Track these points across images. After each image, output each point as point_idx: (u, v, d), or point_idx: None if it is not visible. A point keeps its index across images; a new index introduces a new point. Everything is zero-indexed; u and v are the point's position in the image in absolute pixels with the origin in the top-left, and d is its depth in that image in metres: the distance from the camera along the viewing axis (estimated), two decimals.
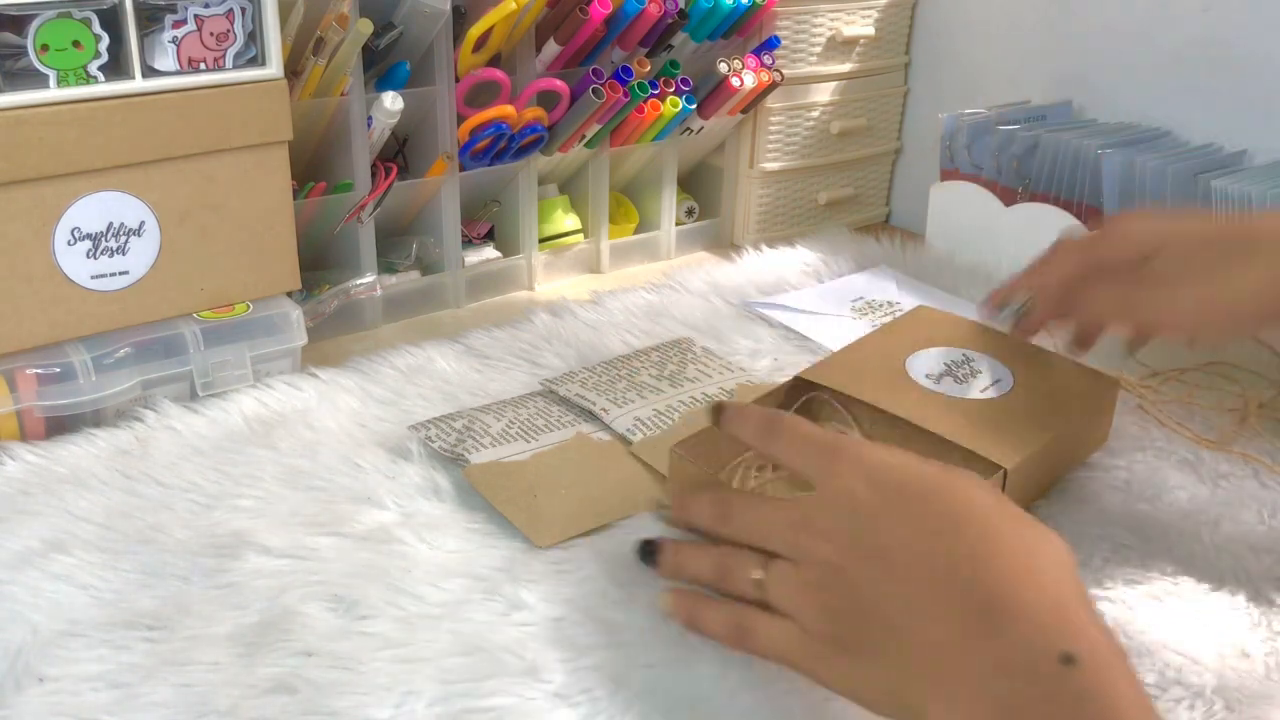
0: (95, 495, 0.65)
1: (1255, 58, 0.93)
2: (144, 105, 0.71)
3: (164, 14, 0.70)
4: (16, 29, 0.66)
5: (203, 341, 0.76)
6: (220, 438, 0.71)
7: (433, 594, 0.57)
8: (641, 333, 0.88)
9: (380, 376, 0.80)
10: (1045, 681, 0.39)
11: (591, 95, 0.92)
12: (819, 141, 1.15)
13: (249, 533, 0.61)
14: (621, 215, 1.10)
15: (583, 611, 0.55)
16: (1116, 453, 0.70)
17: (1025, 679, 0.40)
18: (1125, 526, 0.63)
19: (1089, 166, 0.92)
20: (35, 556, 0.59)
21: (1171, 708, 0.49)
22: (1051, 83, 1.08)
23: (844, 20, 1.10)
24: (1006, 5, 1.11)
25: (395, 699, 0.49)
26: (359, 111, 0.86)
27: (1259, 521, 0.63)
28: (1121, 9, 1.01)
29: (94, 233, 0.71)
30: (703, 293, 0.96)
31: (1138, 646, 0.53)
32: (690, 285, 0.98)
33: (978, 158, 1.01)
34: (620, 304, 0.93)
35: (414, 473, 0.67)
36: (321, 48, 0.80)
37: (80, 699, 0.49)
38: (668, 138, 1.05)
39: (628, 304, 0.93)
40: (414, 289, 0.95)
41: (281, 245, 0.80)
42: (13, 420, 0.70)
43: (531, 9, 0.88)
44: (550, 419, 0.73)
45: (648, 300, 0.94)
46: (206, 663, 0.52)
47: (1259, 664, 0.52)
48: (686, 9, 0.97)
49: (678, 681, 0.51)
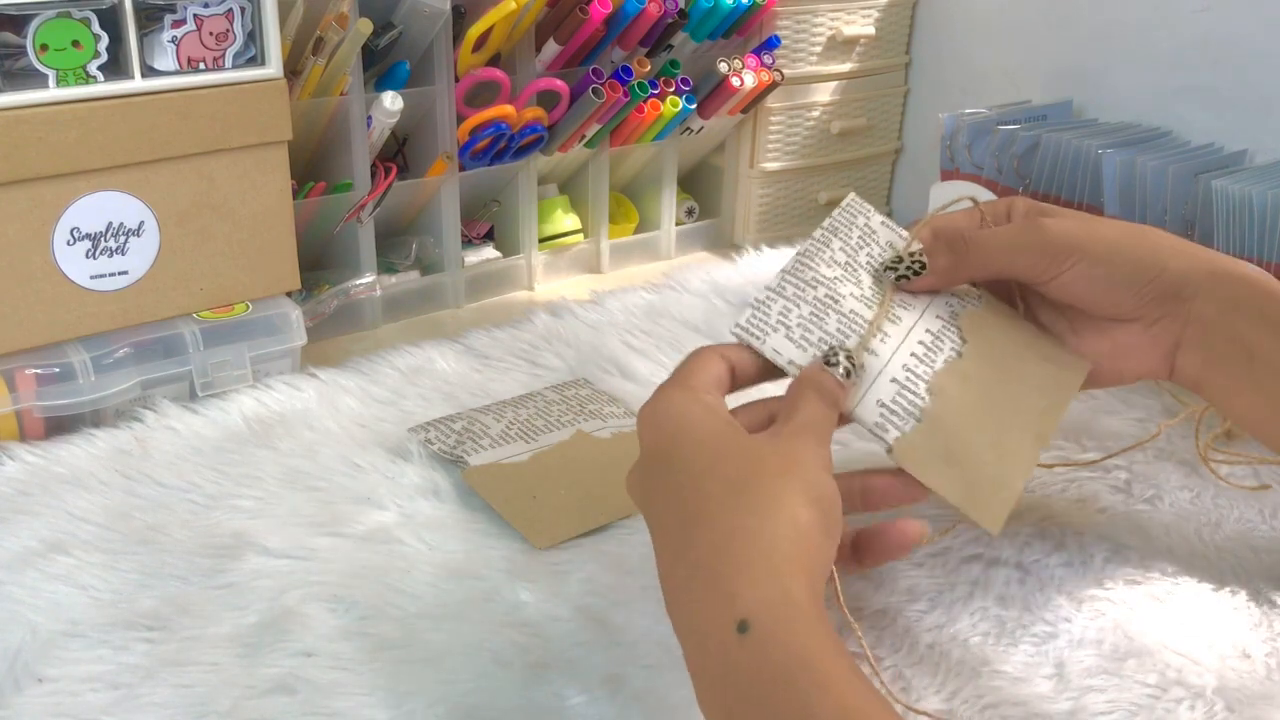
0: (94, 495, 0.64)
1: (1255, 58, 0.92)
2: (143, 105, 0.71)
3: (163, 14, 0.70)
4: (16, 29, 0.66)
5: (202, 342, 0.76)
6: (220, 438, 0.71)
7: (433, 594, 0.56)
8: (641, 333, 0.88)
9: (380, 377, 0.80)
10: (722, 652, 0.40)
11: (591, 95, 0.92)
12: (819, 141, 1.15)
13: (249, 533, 0.61)
14: (621, 215, 1.10)
15: (582, 612, 0.55)
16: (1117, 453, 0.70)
17: (697, 646, 0.42)
18: (1125, 526, 0.63)
19: (1089, 166, 0.92)
20: (34, 557, 0.59)
21: (1172, 708, 0.49)
22: (1052, 83, 1.08)
23: (844, 20, 1.10)
24: (1006, 5, 1.11)
25: (395, 699, 0.49)
26: (359, 111, 0.85)
27: (1260, 521, 0.63)
28: (1121, 9, 1.01)
29: (93, 233, 0.71)
30: (703, 293, 0.96)
31: (1138, 647, 0.53)
32: (690, 285, 0.98)
33: (978, 158, 1.01)
34: (620, 304, 0.93)
35: (414, 473, 0.67)
36: (321, 47, 0.80)
37: (80, 700, 0.49)
38: (668, 138, 1.05)
39: (628, 304, 0.93)
40: (414, 289, 0.95)
41: (281, 245, 0.79)
42: (12, 420, 0.70)
43: (531, 9, 0.88)
44: (550, 419, 0.73)
45: (648, 300, 0.94)
46: (206, 663, 0.52)
47: (1260, 664, 0.52)
48: (686, 9, 0.97)
49: (677, 682, 0.51)
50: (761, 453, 0.46)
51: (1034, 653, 0.52)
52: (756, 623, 0.40)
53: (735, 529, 0.43)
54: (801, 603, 0.40)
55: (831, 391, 0.50)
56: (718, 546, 0.42)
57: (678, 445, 0.47)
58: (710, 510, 0.44)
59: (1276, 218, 0.79)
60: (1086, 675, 0.51)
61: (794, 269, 0.56)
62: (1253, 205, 0.80)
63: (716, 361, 0.51)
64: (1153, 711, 0.49)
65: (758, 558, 0.42)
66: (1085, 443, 0.71)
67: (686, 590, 0.43)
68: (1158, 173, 0.87)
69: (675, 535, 0.45)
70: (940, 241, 0.56)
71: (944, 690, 0.50)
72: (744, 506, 0.43)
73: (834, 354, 0.51)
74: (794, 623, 0.40)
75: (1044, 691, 0.50)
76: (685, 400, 0.49)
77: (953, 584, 0.57)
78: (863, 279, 0.56)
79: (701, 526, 0.43)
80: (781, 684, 0.38)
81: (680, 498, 0.45)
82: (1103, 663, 0.52)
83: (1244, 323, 0.53)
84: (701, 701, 0.42)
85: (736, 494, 0.44)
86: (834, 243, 0.57)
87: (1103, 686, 0.50)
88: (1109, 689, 0.50)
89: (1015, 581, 0.58)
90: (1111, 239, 0.55)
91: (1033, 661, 0.52)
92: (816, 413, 0.49)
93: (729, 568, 0.42)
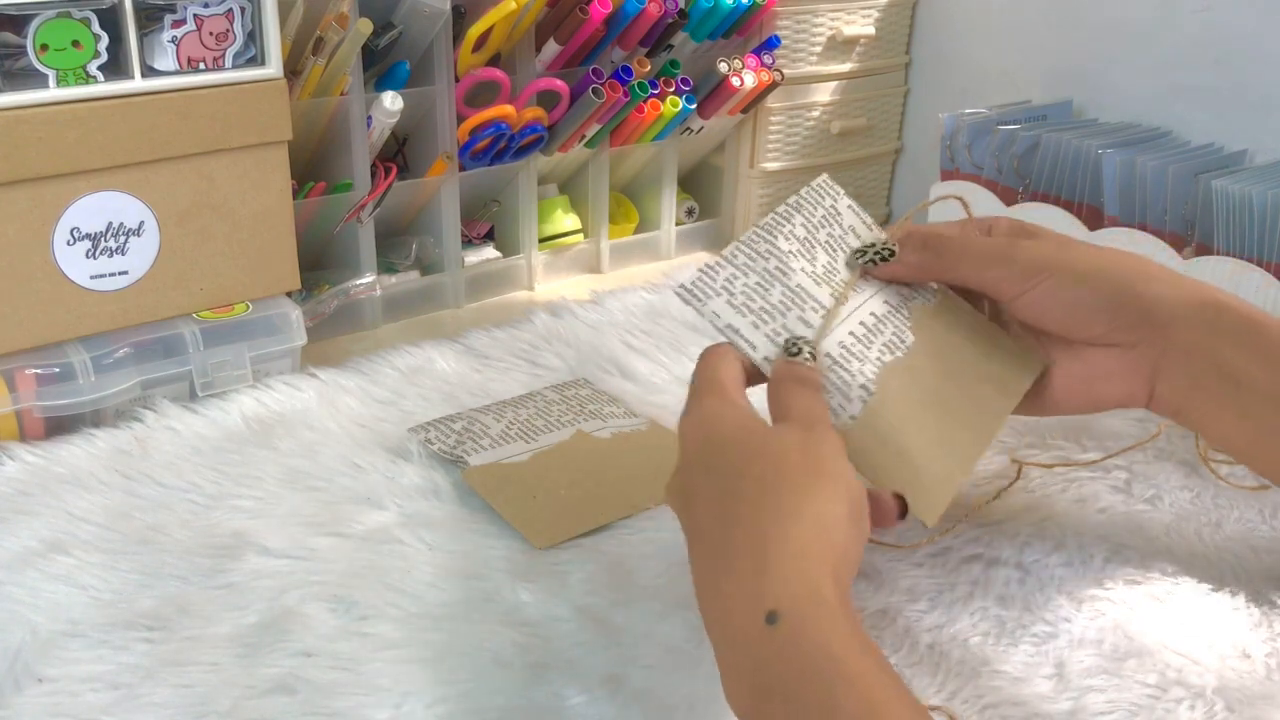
0: (94, 495, 0.64)
1: (1255, 58, 0.93)
2: (143, 105, 0.71)
3: (163, 14, 0.70)
4: (16, 29, 0.66)
5: (202, 342, 0.76)
6: (220, 438, 0.71)
7: (433, 594, 0.56)
8: (641, 333, 0.88)
9: (380, 376, 0.80)
10: (753, 644, 0.41)
11: (591, 95, 0.92)
12: (819, 141, 1.15)
13: (249, 533, 0.61)
14: (621, 215, 1.09)
15: (582, 612, 0.55)
16: (1116, 453, 0.70)
17: (728, 641, 0.43)
18: (1125, 526, 0.63)
19: (1089, 166, 0.92)
20: (34, 557, 0.59)
21: (1172, 708, 0.49)
22: (1052, 83, 1.08)
23: (844, 20, 1.10)
24: (1006, 5, 1.11)
25: (395, 699, 0.49)
26: (359, 111, 0.85)
27: (1260, 522, 0.63)
28: (1121, 9, 1.01)
29: (93, 233, 0.71)
30: None
31: (1138, 647, 0.53)
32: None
33: (978, 158, 1.01)
34: (620, 304, 0.93)
35: (414, 473, 0.67)
36: (321, 47, 0.80)
37: (80, 699, 0.49)
38: (668, 138, 1.05)
39: (628, 304, 0.93)
40: (414, 289, 0.95)
41: (281, 245, 0.79)
42: (12, 420, 0.70)
43: (531, 9, 0.88)
44: (550, 419, 0.73)
45: (648, 300, 0.94)
46: (206, 663, 0.52)
47: (1260, 665, 0.52)
48: (686, 9, 0.97)
49: (677, 682, 0.51)
50: (788, 450, 0.47)
51: (1034, 653, 0.53)
52: (785, 616, 0.41)
53: (768, 529, 0.44)
54: (830, 600, 0.41)
55: (812, 379, 0.52)
56: (751, 546, 0.44)
57: (716, 451, 0.48)
58: (745, 512, 0.45)
59: (1276, 218, 0.79)
60: (1086, 675, 0.51)
61: (750, 240, 0.56)
62: (1253, 205, 0.80)
63: (733, 360, 0.53)
64: (1153, 711, 0.49)
65: (789, 557, 0.43)
66: (1085, 443, 0.71)
67: (718, 586, 0.44)
68: (1158, 173, 0.87)
69: (712, 535, 0.46)
70: (915, 237, 0.57)
71: (944, 690, 0.50)
72: (776, 507, 0.44)
73: (793, 344, 0.53)
74: (822, 618, 0.41)
75: (1044, 691, 0.50)
76: (720, 406, 0.50)
77: (953, 584, 0.57)
78: (817, 256, 0.57)
79: (738, 527, 0.45)
80: (809, 676, 0.39)
81: (718, 501, 0.46)
82: (1103, 663, 0.52)
83: (1228, 350, 0.52)
84: (729, 694, 0.42)
85: (769, 495, 0.45)
86: (796, 218, 0.57)
87: (1103, 686, 0.50)
88: (1109, 689, 0.50)
89: (1015, 581, 0.58)
90: (1084, 263, 0.55)
91: (1033, 661, 0.52)
92: (810, 402, 0.51)
93: (760, 565, 0.43)
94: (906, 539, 0.61)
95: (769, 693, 0.40)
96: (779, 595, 0.41)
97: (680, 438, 0.50)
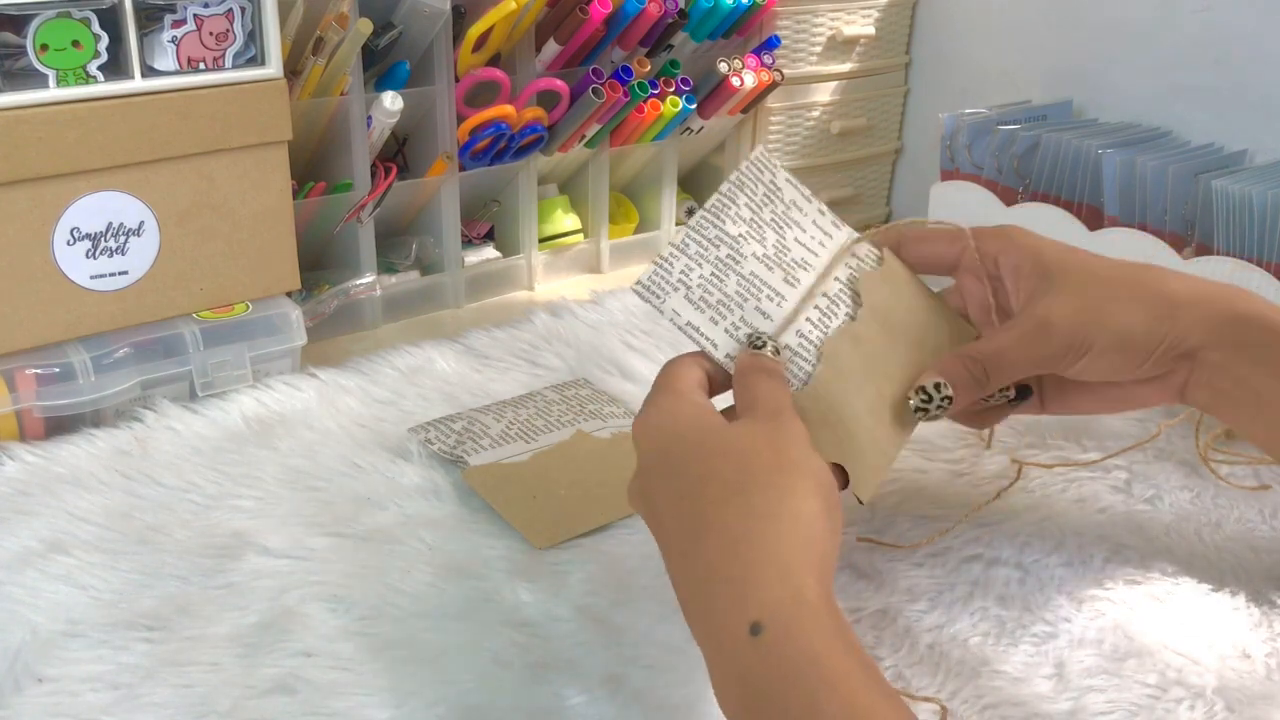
0: (94, 495, 0.64)
1: (1255, 58, 0.92)
2: (143, 105, 0.71)
3: (163, 14, 0.70)
4: (16, 29, 0.66)
5: (202, 342, 0.76)
6: (220, 438, 0.71)
7: (432, 594, 0.56)
8: (641, 333, 0.88)
9: (380, 376, 0.80)
10: (737, 655, 0.41)
11: (591, 95, 0.92)
12: (819, 141, 1.15)
13: (249, 533, 0.61)
14: (621, 215, 1.09)
15: (582, 612, 0.55)
16: (1116, 453, 0.70)
17: (714, 650, 0.42)
18: (1125, 526, 0.63)
19: (1089, 166, 0.92)
20: (34, 557, 0.59)
21: (1172, 708, 0.49)
22: (1052, 83, 1.08)
23: (844, 20, 1.10)
24: (1006, 5, 1.11)
25: (395, 699, 0.49)
26: (359, 111, 0.85)
27: (1260, 522, 0.63)
28: (1121, 9, 1.01)
29: (93, 233, 0.71)
30: None
31: (1138, 647, 0.53)
32: None
33: (978, 158, 1.01)
34: (620, 304, 0.93)
35: (414, 473, 0.67)
36: (321, 47, 0.80)
37: (80, 699, 0.49)
38: (668, 138, 1.05)
39: (628, 304, 0.93)
40: (414, 289, 0.95)
41: (281, 245, 0.79)
42: (12, 420, 0.70)
43: (531, 9, 0.88)
44: (550, 419, 0.73)
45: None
46: (206, 663, 0.52)
47: (1260, 665, 0.52)
48: (686, 9, 0.97)
49: (677, 682, 0.51)
50: (755, 446, 0.46)
51: (1034, 653, 0.53)
52: (769, 624, 0.40)
53: (742, 533, 0.43)
54: (812, 601, 0.41)
55: (775, 370, 0.51)
56: (726, 552, 0.43)
57: (673, 450, 0.47)
58: (715, 515, 0.44)
59: (1276, 218, 0.79)
60: (1086, 675, 0.51)
61: (699, 225, 0.55)
62: (1253, 205, 0.80)
63: (693, 366, 0.52)
64: (1153, 711, 0.49)
65: (767, 560, 0.42)
66: (1085, 443, 0.71)
67: (700, 597, 0.43)
68: (1158, 173, 0.87)
69: (683, 542, 0.45)
70: (956, 371, 0.56)
71: (944, 690, 0.50)
72: (749, 509, 0.43)
73: (757, 338, 0.53)
74: (804, 621, 0.40)
75: (1044, 691, 0.50)
76: (674, 403, 0.49)
77: (953, 584, 0.57)
78: (766, 236, 0.56)
79: (709, 532, 0.44)
80: (792, 682, 0.39)
81: (684, 504, 0.45)
82: (1103, 663, 0.52)
83: (1248, 366, 0.53)
84: (720, 700, 0.42)
85: (739, 495, 0.44)
86: (740, 198, 0.56)
87: (1103, 686, 0.50)
88: (1109, 689, 0.50)
89: (1015, 581, 0.58)
90: (1115, 319, 0.54)
91: (1033, 661, 0.52)
92: (774, 392, 0.50)
93: (739, 572, 0.42)
94: (907, 539, 0.61)
95: (756, 700, 0.40)
96: (762, 603, 0.41)
97: (635, 440, 0.50)
